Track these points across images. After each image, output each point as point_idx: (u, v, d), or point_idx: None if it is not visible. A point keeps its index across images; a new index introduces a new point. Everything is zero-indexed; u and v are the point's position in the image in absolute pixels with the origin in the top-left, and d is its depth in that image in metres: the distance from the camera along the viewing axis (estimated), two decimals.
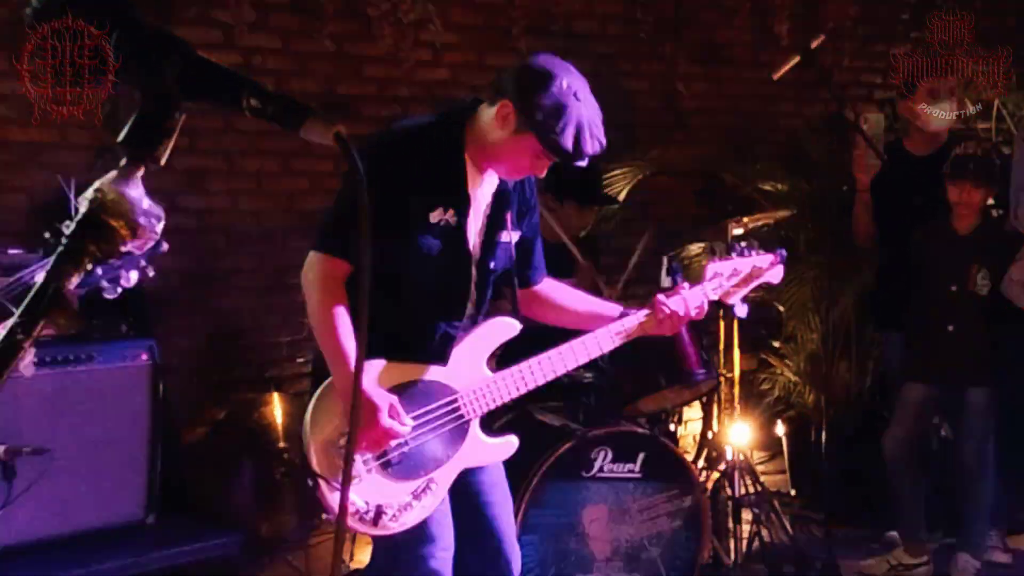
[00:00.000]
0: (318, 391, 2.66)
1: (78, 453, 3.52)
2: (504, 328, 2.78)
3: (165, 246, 2.64)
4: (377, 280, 2.61)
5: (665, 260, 4.20)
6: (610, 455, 3.59)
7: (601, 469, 3.59)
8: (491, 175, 2.72)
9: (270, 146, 4.67)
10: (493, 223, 2.74)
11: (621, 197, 5.02)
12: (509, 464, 2.87)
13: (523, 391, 2.77)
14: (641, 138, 5.45)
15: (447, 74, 5.09)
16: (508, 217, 2.76)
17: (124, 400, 3.72)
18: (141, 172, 1.15)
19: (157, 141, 1.16)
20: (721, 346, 4.02)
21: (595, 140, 2.53)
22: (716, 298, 2.91)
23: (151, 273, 3.11)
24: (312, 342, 2.72)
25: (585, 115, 2.50)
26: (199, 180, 4.59)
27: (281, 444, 4.38)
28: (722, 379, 4.06)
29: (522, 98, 2.50)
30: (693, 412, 5.07)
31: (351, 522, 2.63)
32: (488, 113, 2.59)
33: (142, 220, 1.14)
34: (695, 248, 4.91)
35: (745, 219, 3.98)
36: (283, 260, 4.47)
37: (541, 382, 2.78)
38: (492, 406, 2.74)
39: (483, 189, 2.72)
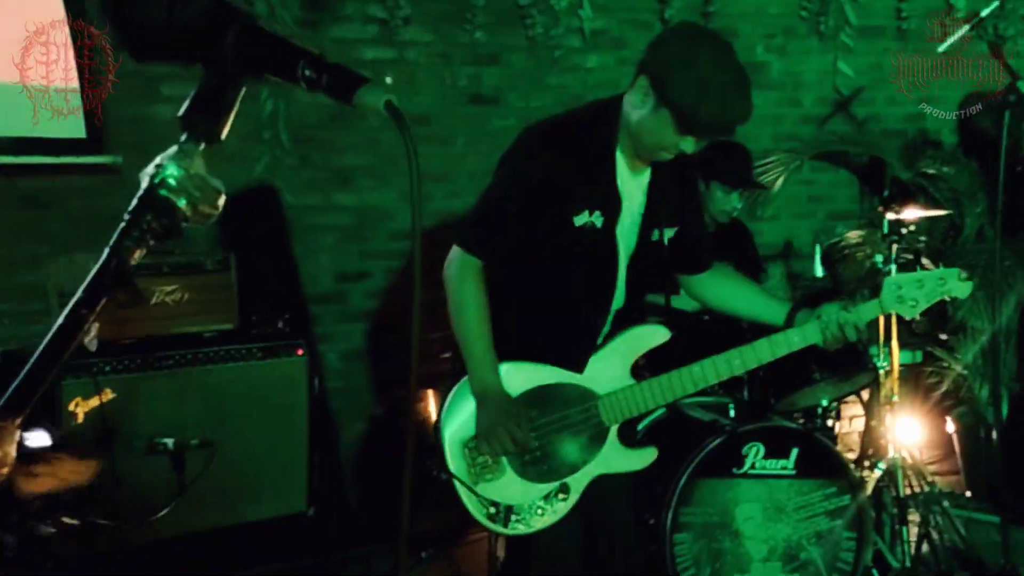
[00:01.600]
0: (455, 388, 2.66)
1: (241, 446, 3.68)
2: (652, 335, 2.70)
3: None
4: (518, 279, 2.61)
5: (818, 248, 4.03)
6: (762, 451, 3.47)
7: (753, 466, 3.47)
8: (645, 170, 2.63)
9: (422, 142, 4.75)
10: (647, 221, 2.65)
11: (778, 185, 4.87)
12: (658, 461, 2.79)
13: (667, 401, 2.70)
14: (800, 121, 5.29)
15: (598, 61, 5.06)
16: (664, 212, 2.67)
17: (283, 395, 3.85)
18: (201, 147, 1.15)
19: (217, 117, 1.15)
20: (880, 338, 3.82)
21: (734, 110, 2.40)
22: (894, 312, 2.72)
23: None
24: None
25: (723, 85, 2.37)
26: (352, 178, 4.70)
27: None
28: (881, 372, 3.86)
29: (657, 71, 2.41)
30: (857, 408, 4.86)
31: (483, 522, 2.63)
32: (630, 93, 2.50)
33: (201, 195, 1.13)
34: (853, 237, 4.71)
35: (902, 210, 3.77)
36: (434, 255, 4.53)
37: (685, 393, 2.69)
38: (633, 414, 2.68)
39: (636, 186, 2.62)
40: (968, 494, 4.79)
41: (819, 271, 4.06)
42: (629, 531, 2.96)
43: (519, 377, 2.63)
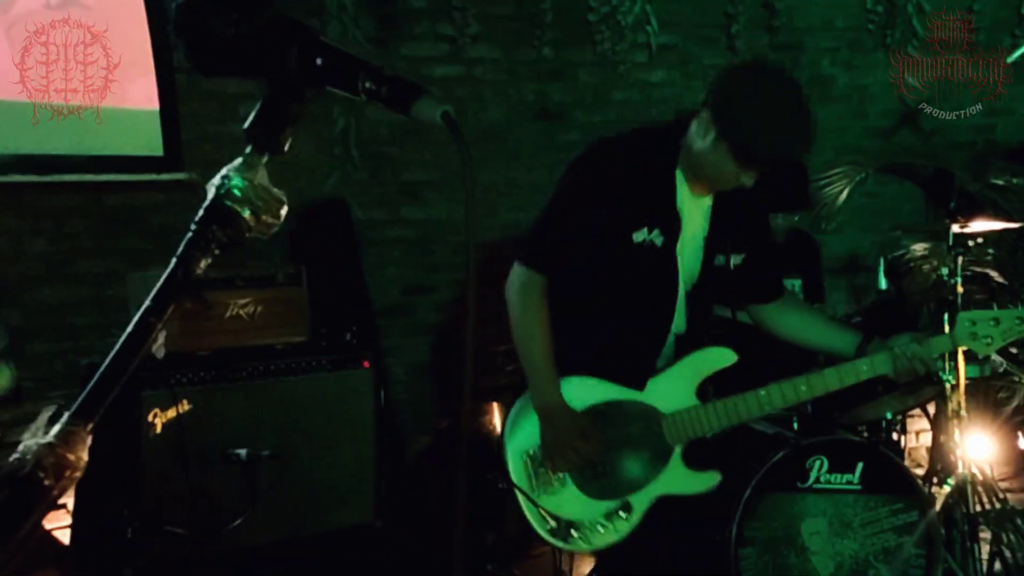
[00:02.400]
0: (518, 401, 2.70)
1: (310, 457, 3.73)
2: (719, 357, 2.71)
3: None
4: (578, 295, 2.62)
5: (883, 261, 3.99)
6: (826, 465, 3.43)
7: (817, 480, 3.44)
8: (708, 195, 2.64)
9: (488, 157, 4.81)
10: (710, 246, 2.67)
11: (843, 198, 4.84)
12: (722, 474, 2.78)
13: (731, 424, 2.70)
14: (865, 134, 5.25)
15: (663, 76, 5.08)
16: (729, 239, 2.68)
17: (351, 407, 3.89)
18: (265, 159, 1.17)
19: (280, 129, 1.17)
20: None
21: (792, 143, 2.44)
22: (965, 348, 2.73)
23: None
24: None
25: (781, 118, 2.39)
26: (420, 192, 4.78)
27: None
28: (947, 386, 3.81)
29: (719, 106, 2.43)
30: (925, 422, 4.80)
31: (543, 535, 2.64)
32: (695, 123, 2.52)
33: (264, 205, 1.15)
34: (918, 250, 4.66)
35: (969, 222, 3.72)
36: (499, 268, 4.58)
37: (751, 416, 2.71)
38: (698, 435, 2.68)
39: (697, 208, 2.64)
40: None
41: (883, 284, 4.02)
42: (690, 556, 2.95)
43: (582, 392, 2.65)
